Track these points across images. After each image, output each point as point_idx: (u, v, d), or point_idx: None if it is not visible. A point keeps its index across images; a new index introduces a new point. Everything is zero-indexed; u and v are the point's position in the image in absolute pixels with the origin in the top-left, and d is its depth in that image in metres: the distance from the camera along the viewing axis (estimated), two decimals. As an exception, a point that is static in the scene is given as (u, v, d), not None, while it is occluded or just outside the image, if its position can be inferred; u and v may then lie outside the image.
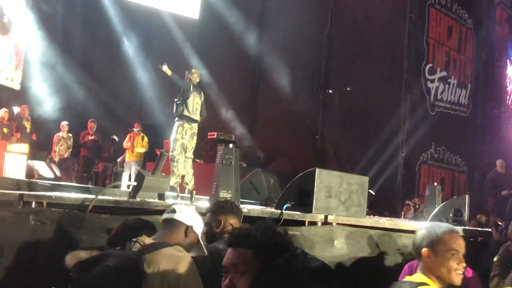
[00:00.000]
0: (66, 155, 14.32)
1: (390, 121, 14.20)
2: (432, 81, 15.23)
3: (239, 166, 7.87)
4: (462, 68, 16.34)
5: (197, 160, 12.59)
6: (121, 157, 14.50)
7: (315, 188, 6.27)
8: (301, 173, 6.52)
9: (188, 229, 3.17)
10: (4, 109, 13.21)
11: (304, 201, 6.33)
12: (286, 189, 6.66)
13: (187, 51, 16.46)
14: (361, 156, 13.97)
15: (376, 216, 9.07)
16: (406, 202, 12.13)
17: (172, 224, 3.18)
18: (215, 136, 13.01)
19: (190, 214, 3.26)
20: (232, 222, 3.92)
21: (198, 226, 3.26)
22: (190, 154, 9.63)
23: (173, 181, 9.04)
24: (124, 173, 13.85)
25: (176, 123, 9.52)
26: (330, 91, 16.38)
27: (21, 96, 15.02)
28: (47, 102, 14.88)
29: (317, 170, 6.33)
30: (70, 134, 14.51)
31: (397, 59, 14.59)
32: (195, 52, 16.60)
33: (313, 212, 6.29)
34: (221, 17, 16.26)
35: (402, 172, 14.28)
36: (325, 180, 6.43)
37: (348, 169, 11.91)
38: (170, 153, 9.29)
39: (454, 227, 2.96)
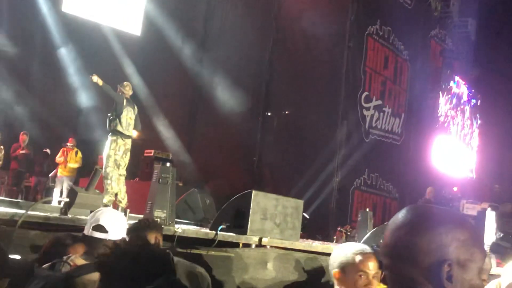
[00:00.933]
0: (-5, 167, 13.87)
1: (327, 146, 14.46)
2: (368, 109, 15.63)
3: (176, 185, 7.83)
4: (397, 98, 16.84)
5: (135, 179, 12.45)
6: (53, 172, 14.15)
7: (250, 210, 6.30)
8: (238, 195, 6.55)
9: None
10: None
11: (239, 223, 6.35)
12: (222, 210, 6.67)
13: (128, 67, 16.30)
14: (297, 180, 14.14)
15: (309, 240, 9.17)
16: (338, 228, 12.31)
17: (98, 241, 3.02)
18: (152, 154, 12.90)
19: (120, 226, 3.12)
20: (154, 237, 3.85)
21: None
22: (123, 171, 9.24)
23: (107, 199, 8.77)
24: (56, 188, 13.53)
25: (109, 139, 9.17)
26: (269, 114, 16.54)
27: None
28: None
29: (253, 192, 6.37)
30: (1, 147, 14.06)
31: (335, 86, 14.92)
32: (136, 69, 16.46)
33: (248, 234, 6.31)
34: (163, 35, 16.22)
35: (336, 196, 14.52)
36: (261, 203, 6.48)
37: (284, 192, 11.98)
38: (103, 170, 8.92)
39: (366, 248, 2.98)
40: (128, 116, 9.26)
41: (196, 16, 17.70)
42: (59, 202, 6.75)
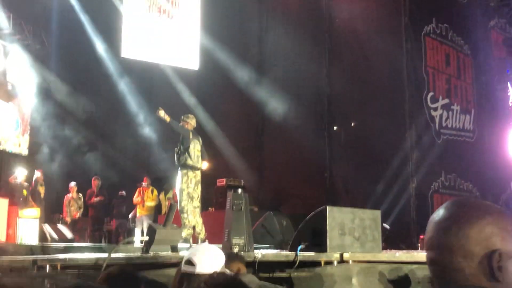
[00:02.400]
0: (77, 215, 14.32)
1: (398, 152, 14.18)
2: (435, 109, 15.27)
3: (251, 211, 7.85)
4: (464, 94, 16.39)
5: (209, 208, 12.59)
6: (132, 213, 14.48)
7: (327, 226, 6.24)
8: (312, 213, 6.50)
9: None
10: (25, 171, 13.29)
11: (318, 241, 6.29)
12: (299, 230, 6.64)
13: (190, 101, 16.64)
14: (373, 191, 13.91)
15: (392, 250, 8.97)
16: (421, 237, 11.99)
17: (187, 275, 2.94)
18: (224, 182, 13.02)
19: (209, 259, 3.10)
20: (237, 267, 3.84)
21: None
22: (197, 203, 9.33)
23: (185, 232, 8.84)
24: (137, 228, 13.81)
25: (180, 173, 9.26)
26: (335, 128, 16.42)
27: (29, 160, 15.13)
28: (54, 164, 14.98)
29: (327, 208, 6.31)
30: (80, 194, 14.52)
31: (398, 91, 14.65)
32: (198, 101, 16.77)
33: (328, 251, 6.24)
34: (220, 65, 16.47)
35: (415, 203, 14.18)
36: (337, 218, 6.41)
37: (361, 204, 11.83)
38: (179, 205, 9.03)
39: None
40: (196, 148, 9.36)
41: (250, 41, 17.90)
42: (141, 242, 6.87)
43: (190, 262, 2.96)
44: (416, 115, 14.70)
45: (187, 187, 9.21)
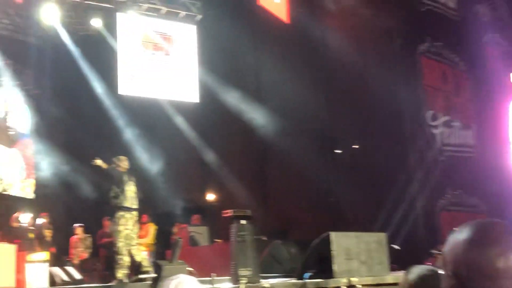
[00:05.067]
0: (85, 256, 14.27)
1: (402, 172, 14.21)
2: (436, 127, 15.31)
3: (259, 240, 7.84)
4: (464, 110, 16.45)
5: (217, 241, 12.55)
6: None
7: (333, 252, 6.24)
8: (317, 239, 6.51)
9: None
10: (30, 215, 13.32)
11: (324, 267, 6.30)
12: (305, 258, 6.63)
13: (190, 134, 16.72)
14: (379, 212, 13.89)
15: (401, 271, 8.92)
16: (432, 251, 11.95)
17: None
18: (230, 213, 13.00)
19: None
20: None
21: None
22: (136, 241, 9.47)
23: (120, 273, 8.98)
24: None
25: (117, 215, 9.33)
26: (338, 151, 16.45)
27: (35, 204, 15.16)
28: (60, 206, 15.01)
29: (332, 234, 6.33)
30: (87, 235, 14.49)
31: (397, 111, 14.74)
32: (199, 134, 16.85)
33: (335, 277, 6.24)
34: (219, 97, 16.57)
35: (423, 222, 14.14)
36: (342, 243, 6.41)
37: (369, 227, 11.84)
38: (115, 246, 9.18)
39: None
40: (131, 189, 9.46)
41: (247, 71, 18.05)
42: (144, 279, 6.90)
43: None
44: (417, 134, 14.76)
45: (124, 229, 9.24)
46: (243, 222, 6.51)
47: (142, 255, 9.47)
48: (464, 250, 1.39)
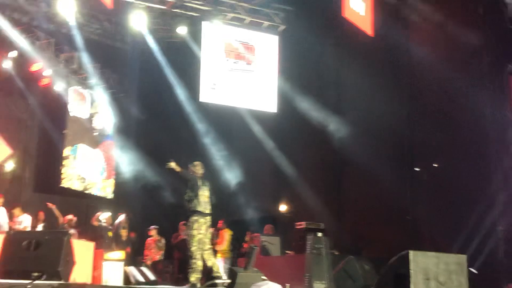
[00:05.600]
0: (158, 257, 14.53)
1: (483, 194, 13.70)
2: (522, 148, 14.71)
3: (332, 255, 7.74)
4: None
5: (288, 252, 12.50)
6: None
7: (411, 271, 6.08)
8: (395, 257, 6.36)
9: None
10: (109, 214, 13.76)
11: (401, 286, 6.14)
12: (381, 275, 6.50)
13: (268, 144, 16.78)
14: (457, 234, 13.46)
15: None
16: (509, 285, 11.46)
17: None
18: (303, 225, 12.93)
19: None
20: None
21: None
22: (208, 245, 9.54)
23: (194, 277, 9.08)
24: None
25: (191, 219, 9.47)
26: (417, 169, 16.08)
27: (114, 204, 15.61)
28: (137, 207, 15.38)
29: (411, 252, 6.16)
30: (161, 237, 14.78)
31: (482, 130, 14.25)
32: (276, 144, 16.90)
33: (412, 297, 6.07)
34: (298, 108, 16.57)
35: (503, 246, 13.59)
36: (421, 262, 6.24)
37: (445, 249, 11.43)
38: (189, 250, 9.31)
39: None
40: (205, 194, 9.58)
41: (328, 83, 17.99)
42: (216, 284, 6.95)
43: None
44: (502, 154, 14.21)
45: (198, 233, 9.37)
46: (319, 234, 6.44)
47: (213, 260, 9.53)
48: None
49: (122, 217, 14.28)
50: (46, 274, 6.45)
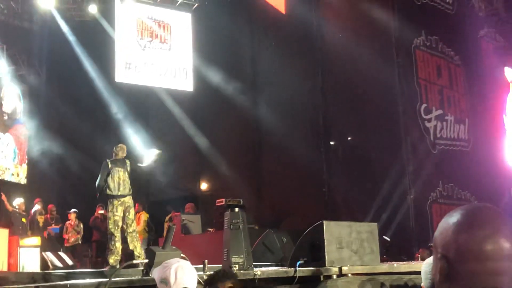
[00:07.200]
0: (75, 241, 14.34)
1: (394, 165, 14.26)
2: (429, 120, 15.37)
3: (251, 229, 7.88)
4: (457, 104, 16.51)
5: (210, 229, 12.61)
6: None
7: (325, 241, 6.30)
8: (309, 228, 6.57)
9: None
10: (21, 200, 13.40)
11: (316, 256, 6.35)
12: (297, 246, 6.70)
13: (185, 123, 16.74)
14: (371, 204, 13.97)
15: (393, 262, 9.01)
16: (420, 250, 11.95)
17: None
18: (224, 202, 13.06)
19: (185, 275, 2.89)
20: (231, 285, 3.89)
21: None
22: (132, 228, 9.57)
23: (113, 259, 9.17)
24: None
25: (107, 202, 9.57)
26: (332, 143, 16.52)
27: (27, 189, 15.19)
28: (53, 192, 15.03)
29: (324, 222, 6.38)
30: (79, 221, 14.55)
31: (391, 104, 14.78)
32: (194, 123, 16.88)
33: (326, 265, 6.30)
34: (214, 86, 16.60)
35: (413, 214, 14.23)
36: (335, 232, 6.47)
37: (360, 218, 11.91)
38: (107, 232, 9.40)
39: None
40: (117, 176, 9.56)
41: (242, 60, 18.09)
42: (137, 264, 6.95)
43: (165, 281, 2.90)
44: (411, 127, 14.80)
45: (113, 216, 9.40)
46: (236, 210, 6.55)
47: (136, 243, 9.55)
48: (453, 232, 1.41)
49: (38, 204, 13.97)
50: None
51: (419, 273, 6.85)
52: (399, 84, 14.76)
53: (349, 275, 6.41)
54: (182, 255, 8.35)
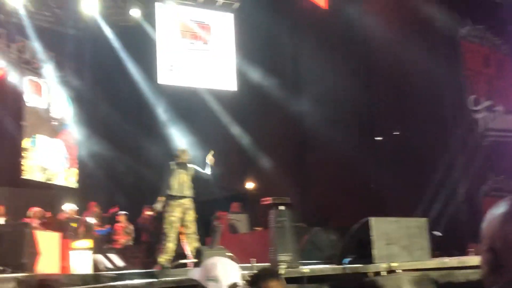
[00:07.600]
0: (126, 243, 14.49)
1: (443, 158, 13.99)
2: (478, 112, 15.03)
3: (300, 228, 7.83)
4: (507, 94, 16.09)
5: (256, 228, 12.61)
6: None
7: (373, 237, 6.20)
8: (356, 225, 6.48)
9: None
10: (73, 205, 13.65)
11: (364, 253, 6.26)
12: (344, 243, 6.62)
13: (229, 122, 16.80)
14: (420, 199, 13.74)
15: (443, 257, 8.82)
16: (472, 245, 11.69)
17: None
18: (269, 201, 13.03)
19: (229, 271, 2.89)
20: (274, 285, 3.82)
21: None
22: (192, 229, 9.59)
23: (163, 258, 9.16)
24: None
25: (165, 203, 9.64)
26: (378, 138, 16.32)
27: (78, 193, 15.47)
28: (102, 194, 15.27)
29: (371, 219, 6.29)
30: (129, 223, 14.71)
31: (438, 96, 14.50)
32: (239, 123, 16.91)
33: (375, 262, 6.20)
34: (257, 85, 16.59)
35: (465, 208, 13.93)
36: (382, 228, 6.37)
37: (410, 214, 11.70)
38: (162, 232, 9.43)
39: None
40: (179, 178, 9.70)
41: (284, 57, 18.03)
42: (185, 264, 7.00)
43: (215, 279, 2.90)
44: (459, 119, 14.50)
45: (168, 215, 9.47)
46: (281, 208, 6.52)
47: (195, 245, 9.40)
48: (500, 223, 1.38)
49: (91, 207, 14.20)
50: (10, 267, 6.40)
51: (471, 268, 6.69)
52: (445, 76, 14.46)
53: (399, 271, 6.29)
54: (229, 253, 8.39)
